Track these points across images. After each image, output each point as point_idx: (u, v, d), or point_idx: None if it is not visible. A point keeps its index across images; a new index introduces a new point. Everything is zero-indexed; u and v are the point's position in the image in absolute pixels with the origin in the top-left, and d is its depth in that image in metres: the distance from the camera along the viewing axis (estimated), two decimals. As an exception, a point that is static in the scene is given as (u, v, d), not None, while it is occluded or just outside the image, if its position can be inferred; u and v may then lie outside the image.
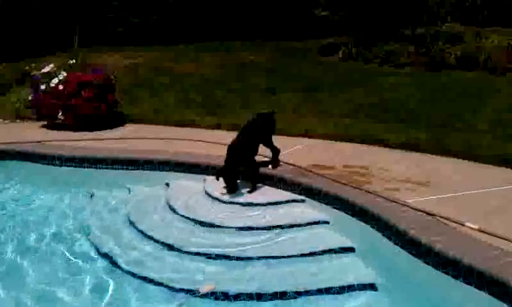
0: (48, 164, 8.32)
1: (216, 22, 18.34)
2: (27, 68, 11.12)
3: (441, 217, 5.59)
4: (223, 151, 6.87)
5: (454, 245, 4.97)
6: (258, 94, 11.94)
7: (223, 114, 10.55)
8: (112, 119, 10.08)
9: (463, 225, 5.39)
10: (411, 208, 5.85)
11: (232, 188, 6.79)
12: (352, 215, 6.12)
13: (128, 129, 9.90)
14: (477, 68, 12.02)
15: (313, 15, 16.91)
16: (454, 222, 5.47)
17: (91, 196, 7.48)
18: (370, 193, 6.30)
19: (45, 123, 10.16)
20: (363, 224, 5.95)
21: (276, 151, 7.48)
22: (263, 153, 7.44)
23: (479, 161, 7.51)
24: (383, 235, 5.61)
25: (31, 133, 9.53)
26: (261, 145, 7.30)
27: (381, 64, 13.74)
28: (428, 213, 5.68)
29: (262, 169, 7.18)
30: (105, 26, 17.96)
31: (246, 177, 7.08)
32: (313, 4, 16.65)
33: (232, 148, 6.86)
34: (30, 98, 10.20)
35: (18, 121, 10.72)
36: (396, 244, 5.41)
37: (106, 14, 18.13)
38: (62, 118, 9.73)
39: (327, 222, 6.25)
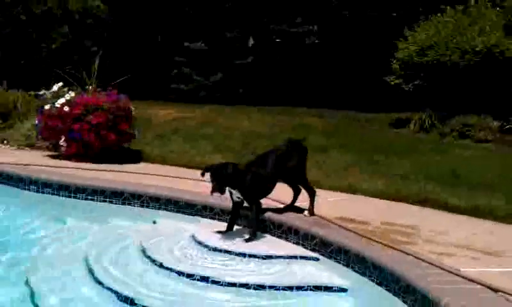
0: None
1: (282, 86, 17.08)
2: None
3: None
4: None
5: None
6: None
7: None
8: (124, 155, 8.53)
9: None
10: (467, 279, 3.87)
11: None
12: (379, 284, 4.20)
13: (138, 167, 8.29)
14: None
15: (385, 83, 15.21)
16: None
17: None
18: (408, 255, 4.36)
19: (50, 153, 8.75)
20: (393, 296, 4.02)
21: (312, 192, 5.66)
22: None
23: None
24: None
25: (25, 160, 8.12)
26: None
27: (457, 139, 11.86)
28: (492, 289, 3.69)
29: (268, 214, 5.38)
30: (168, 82, 17.10)
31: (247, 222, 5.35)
32: (386, 71, 14.99)
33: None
34: (36, 121, 8.88)
35: (27, 148, 9.34)
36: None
37: (170, 69, 17.29)
38: (64, 144, 8.28)
39: (344, 290, 4.37)
